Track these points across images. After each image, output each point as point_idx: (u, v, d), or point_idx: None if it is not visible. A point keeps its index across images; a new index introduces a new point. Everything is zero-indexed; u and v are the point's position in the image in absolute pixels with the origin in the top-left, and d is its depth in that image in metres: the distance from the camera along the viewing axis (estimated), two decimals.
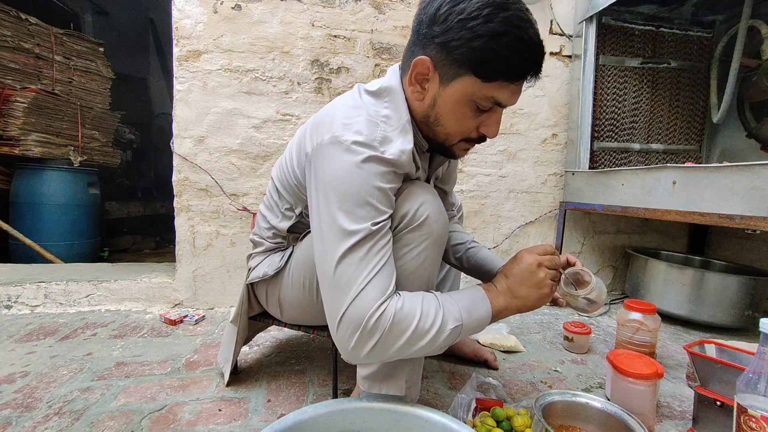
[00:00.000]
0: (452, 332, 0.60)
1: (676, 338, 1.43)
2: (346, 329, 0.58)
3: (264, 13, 1.53)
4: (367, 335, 0.57)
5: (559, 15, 1.79)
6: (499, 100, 0.62)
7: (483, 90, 0.61)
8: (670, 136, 1.86)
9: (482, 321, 0.64)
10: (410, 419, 0.63)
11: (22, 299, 1.46)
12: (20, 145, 2.08)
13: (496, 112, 0.65)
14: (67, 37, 2.38)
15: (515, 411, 0.80)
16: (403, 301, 0.59)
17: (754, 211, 1.03)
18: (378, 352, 0.59)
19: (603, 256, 1.98)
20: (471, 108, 0.63)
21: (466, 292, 0.67)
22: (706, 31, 1.83)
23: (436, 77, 0.63)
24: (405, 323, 0.58)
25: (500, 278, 0.70)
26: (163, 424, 0.82)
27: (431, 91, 0.65)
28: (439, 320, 0.59)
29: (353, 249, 0.59)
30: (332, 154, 0.61)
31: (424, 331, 0.59)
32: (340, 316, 0.59)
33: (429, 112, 0.67)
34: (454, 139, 0.68)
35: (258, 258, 0.90)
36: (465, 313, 0.62)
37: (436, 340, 0.60)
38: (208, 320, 1.43)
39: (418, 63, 0.63)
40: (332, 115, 0.65)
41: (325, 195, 0.61)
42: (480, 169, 1.80)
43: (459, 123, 0.65)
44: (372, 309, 0.57)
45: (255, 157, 1.56)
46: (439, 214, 0.67)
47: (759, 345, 0.61)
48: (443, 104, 0.64)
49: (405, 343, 0.58)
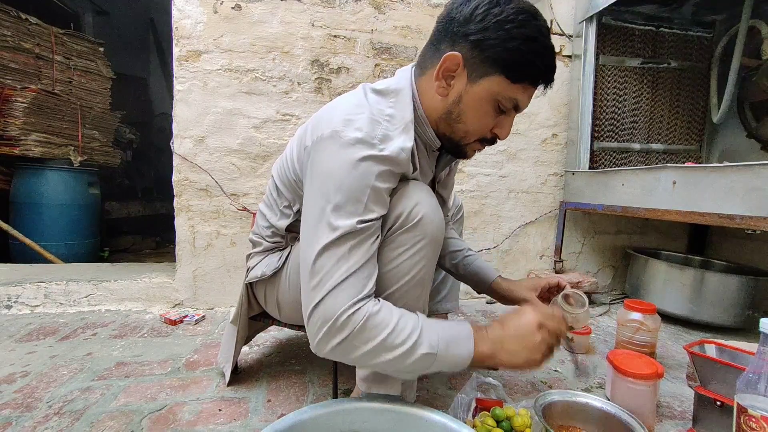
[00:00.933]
0: (423, 358, 0.58)
1: (676, 338, 1.43)
2: (316, 321, 0.59)
3: (264, 13, 1.53)
4: (335, 331, 0.57)
5: (559, 15, 1.79)
6: (519, 102, 0.65)
7: (508, 90, 0.63)
8: (670, 136, 1.86)
9: (460, 359, 0.61)
10: (410, 419, 0.63)
11: (22, 299, 1.46)
12: (20, 145, 2.08)
13: (510, 115, 0.68)
14: (67, 37, 2.38)
15: (515, 411, 0.80)
16: (380, 309, 0.58)
17: (754, 211, 1.03)
18: (342, 351, 0.59)
19: (603, 256, 1.98)
20: (493, 107, 0.65)
21: (454, 325, 0.64)
22: (706, 31, 1.83)
23: (464, 74, 0.64)
24: (375, 330, 0.57)
25: (495, 325, 0.66)
26: (163, 424, 0.82)
27: (457, 88, 0.66)
28: (411, 340, 0.58)
29: (336, 243, 0.58)
30: (330, 148, 0.61)
31: (393, 345, 0.57)
32: (313, 307, 0.59)
33: (452, 108, 0.67)
34: (471, 137, 0.69)
35: (257, 258, 0.90)
36: (443, 344, 0.59)
37: (405, 360, 0.58)
38: (208, 320, 1.43)
39: (449, 58, 0.63)
40: (334, 111, 0.65)
41: (318, 186, 0.62)
42: (480, 169, 1.80)
43: (480, 121, 0.67)
44: (345, 306, 0.57)
45: (255, 157, 1.56)
46: (435, 214, 0.66)
47: (759, 345, 0.61)
48: (469, 101, 0.66)
49: (371, 350, 0.57)
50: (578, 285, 1.71)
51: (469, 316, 1.60)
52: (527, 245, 1.88)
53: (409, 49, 1.67)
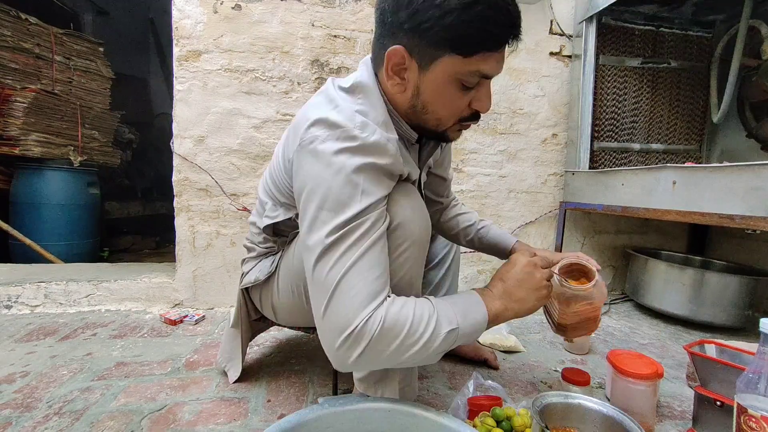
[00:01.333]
0: (447, 336, 0.57)
1: (676, 338, 1.43)
2: (330, 333, 0.56)
3: (264, 13, 1.53)
4: (353, 341, 0.54)
5: (559, 15, 1.79)
6: (485, 71, 0.59)
7: (466, 66, 0.58)
8: (670, 136, 1.86)
9: (479, 325, 0.62)
10: (411, 419, 0.63)
11: (22, 299, 1.46)
12: (20, 145, 2.08)
13: (484, 86, 0.63)
14: (67, 37, 2.38)
15: (515, 411, 0.80)
16: (394, 305, 0.56)
17: (754, 211, 1.03)
18: (368, 360, 0.55)
19: (603, 256, 1.98)
20: (457, 87, 0.61)
21: (461, 297, 0.65)
22: (706, 31, 1.83)
23: (414, 65, 0.60)
24: (396, 329, 0.55)
25: (496, 282, 0.69)
26: (163, 424, 0.82)
27: (412, 81, 0.62)
28: (432, 324, 0.56)
29: (329, 249, 0.56)
30: (311, 153, 0.59)
31: (416, 337, 0.55)
32: (321, 318, 0.57)
33: (414, 102, 0.64)
34: (447, 122, 0.66)
35: (250, 263, 0.91)
36: (460, 316, 0.60)
37: (431, 346, 0.57)
38: (208, 320, 1.43)
39: (392, 54, 0.60)
40: (308, 114, 0.63)
41: (308, 195, 0.59)
42: (480, 169, 1.80)
43: (448, 106, 0.63)
44: (355, 314, 0.54)
45: (255, 157, 1.56)
46: (415, 214, 0.64)
47: (759, 345, 0.61)
48: (427, 89, 0.61)
49: (396, 349, 0.55)
50: None
51: None
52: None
53: None
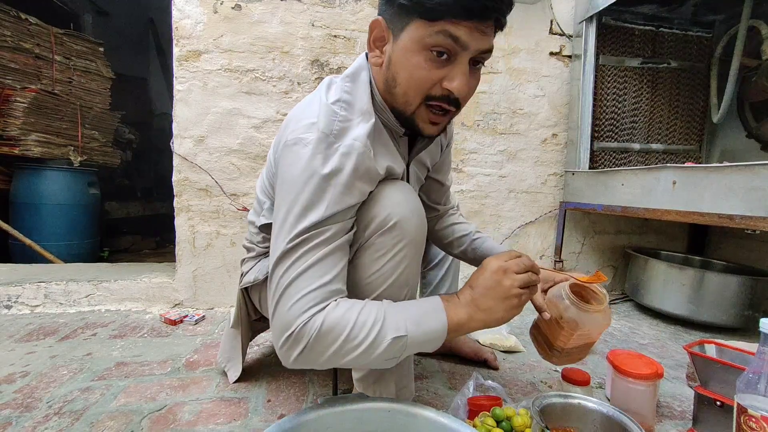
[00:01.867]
0: (393, 343, 0.56)
1: (676, 338, 1.43)
2: (277, 331, 0.57)
3: (264, 13, 1.53)
4: (293, 342, 0.55)
5: (559, 15, 1.79)
6: (457, 35, 0.54)
7: (431, 28, 0.55)
8: (670, 136, 1.86)
9: (435, 333, 0.59)
10: (411, 419, 0.63)
11: (22, 299, 1.46)
12: (20, 145, 2.09)
13: (459, 63, 0.57)
14: (67, 37, 2.38)
15: (515, 411, 0.80)
16: (337, 310, 0.56)
17: (754, 211, 1.03)
18: (307, 360, 0.57)
19: (603, 256, 1.98)
20: (425, 57, 0.57)
21: (422, 302, 0.62)
22: (706, 31, 1.83)
23: (390, 36, 0.60)
24: (334, 333, 0.55)
25: (465, 288, 0.64)
26: (163, 424, 0.82)
27: (387, 52, 0.61)
28: (375, 331, 0.56)
29: (290, 252, 0.57)
30: (290, 155, 0.60)
31: (357, 342, 0.55)
32: (272, 317, 0.58)
33: (387, 75, 0.62)
34: (412, 100, 0.61)
35: (250, 263, 0.91)
36: (412, 324, 0.58)
37: (373, 351, 0.56)
38: (208, 320, 1.43)
39: (373, 25, 0.61)
40: (299, 113, 0.64)
41: (281, 195, 0.60)
42: (480, 169, 1.80)
43: (412, 75, 0.58)
44: (298, 315, 0.55)
45: (255, 157, 1.56)
46: (412, 213, 0.64)
47: (759, 345, 0.61)
48: (396, 59, 0.59)
49: (335, 352, 0.56)
50: None
51: None
52: (527, 245, 1.88)
53: None
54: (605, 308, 0.69)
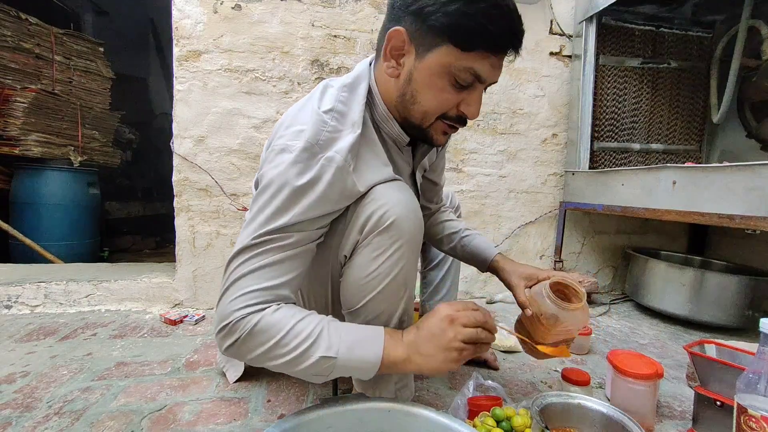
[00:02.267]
0: (321, 361, 0.56)
1: (676, 338, 1.43)
2: (216, 319, 0.59)
3: (264, 13, 1.53)
4: (226, 333, 0.57)
5: (559, 15, 1.79)
6: (479, 72, 0.59)
7: (461, 60, 0.58)
8: (670, 136, 1.86)
9: (366, 364, 0.59)
10: (412, 419, 0.63)
11: (22, 299, 1.46)
12: (20, 145, 2.08)
13: (476, 90, 0.62)
14: (67, 37, 2.38)
15: (515, 411, 0.80)
16: (275, 314, 0.57)
17: (754, 211, 1.03)
18: (234, 353, 0.58)
19: (603, 256, 1.98)
20: (449, 81, 0.60)
21: (365, 329, 0.62)
22: (706, 31, 1.83)
23: (412, 50, 0.60)
24: (264, 336, 0.56)
25: (412, 328, 0.64)
26: (163, 424, 0.82)
27: (407, 66, 0.62)
28: (307, 344, 0.56)
29: (249, 248, 0.58)
30: (275, 160, 0.60)
31: (284, 351, 0.56)
32: (216, 305, 0.59)
33: (405, 89, 0.63)
34: (431, 117, 0.64)
35: None
36: (345, 347, 0.57)
37: (298, 364, 0.56)
38: (208, 320, 1.43)
39: (393, 35, 0.60)
40: (290, 119, 0.64)
41: (258, 194, 0.61)
42: (480, 169, 1.80)
43: (436, 98, 0.62)
44: (237, 309, 0.56)
45: (255, 157, 1.56)
46: (409, 213, 0.63)
47: (759, 345, 0.61)
48: (419, 78, 0.61)
49: (263, 354, 0.56)
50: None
51: None
52: (527, 245, 1.88)
53: None
54: (583, 306, 0.71)
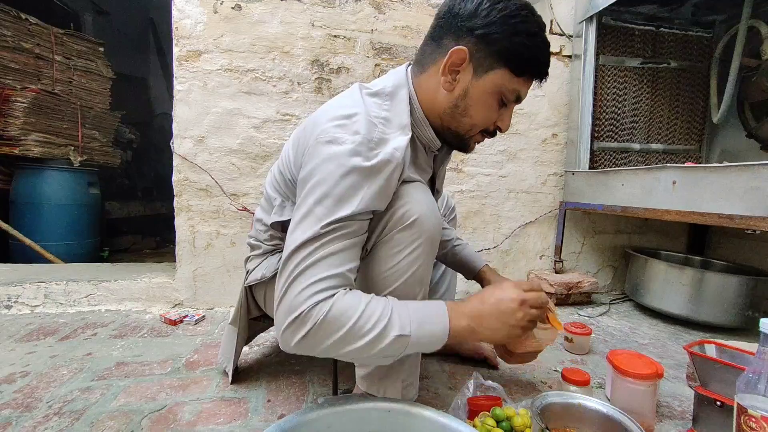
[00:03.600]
0: (397, 341, 0.57)
1: (676, 338, 1.43)
2: (282, 314, 0.58)
3: (264, 13, 1.53)
4: (298, 324, 0.56)
5: (559, 15, 1.79)
6: (521, 94, 0.69)
7: (512, 83, 0.67)
8: (670, 136, 1.86)
9: (435, 337, 0.61)
10: (412, 419, 0.63)
11: (22, 299, 1.46)
12: (20, 145, 2.08)
13: (510, 108, 0.71)
14: (67, 37, 2.38)
15: (515, 411, 0.80)
16: (346, 298, 0.58)
17: (754, 211, 1.03)
18: (308, 344, 0.58)
19: (603, 256, 1.98)
20: (497, 100, 0.68)
21: (427, 305, 0.63)
22: (706, 31, 1.83)
23: (470, 68, 0.66)
24: (338, 322, 0.56)
25: (474, 301, 0.66)
26: (163, 424, 0.82)
27: (463, 82, 0.68)
28: (381, 324, 0.57)
29: (313, 242, 0.58)
30: (326, 153, 0.61)
31: (361, 333, 0.57)
32: (280, 300, 0.59)
33: (459, 102, 0.69)
34: (476, 130, 0.72)
35: (256, 260, 0.90)
36: (415, 324, 0.59)
37: (377, 345, 0.57)
38: (208, 320, 1.43)
39: (456, 53, 0.65)
40: (332, 114, 0.65)
41: (310, 187, 0.62)
42: (480, 169, 1.80)
43: (485, 114, 0.69)
44: (307, 299, 0.56)
45: (255, 157, 1.56)
46: (431, 212, 0.67)
47: (759, 345, 0.61)
48: (475, 94, 0.68)
49: (339, 340, 0.57)
50: (577, 285, 1.71)
51: None
52: (527, 245, 1.88)
53: (409, 49, 1.67)
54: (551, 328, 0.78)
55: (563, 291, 1.69)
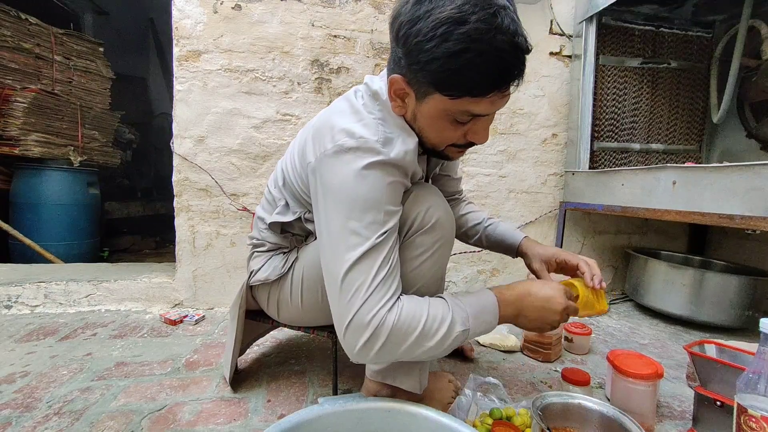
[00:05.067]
0: (460, 335, 0.62)
1: (676, 338, 1.43)
2: (353, 335, 0.59)
3: (264, 13, 1.53)
4: (374, 338, 0.58)
5: (559, 15, 1.79)
6: (476, 112, 0.60)
7: (455, 106, 0.59)
8: (670, 136, 1.86)
9: (489, 325, 0.66)
10: (412, 419, 0.63)
11: (22, 299, 1.46)
12: (20, 145, 2.08)
13: (480, 121, 0.63)
14: (67, 37, 2.38)
15: (515, 411, 0.80)
16: (410, 305, 0.61)
17: (754, 211, 1.03)
18: (386, 354, 0.60)
19: (603, 256, 1.98)
20: (449, 121, 0.63)
21: (479, 297, 0.67)
22: (706, 31, 1.83)
23: (412, 93, 0.62)
24: (411, 326, 0.59)
25: (521, 291, 0.70)
26: (163, 424, 0.82)
27: (411, 106, 0.65)
28: (446, 324, 0.61)
29: (363, 258, 0.59)
30: (336, 163, 0.62)
31: (431, 333, 0.60)
32: (348, 323, 0.59)
33: (413, 124, 0.67)
34: (441, 146, 0.69)
35: (260, 259, 0.89)
36: (473, 318, 0.64)
37: (445, 342, 0.61)
38: (208, 320, 1.43)
39: (393, 81, 0.62)
40: (332, 122, 0.65)
41: (333, 204, 0.62)
42: (480, 169, 1.80)
43: (441, 135, 0.66)
44: (376, 312, 0.58)
45: (255, 157, 1.56)
46: (448, 215, 0.70)
47: (759, 345, 0.61)
48: (422, 119, 0.65)
49: (412, 344, 0.60)
50: None
51: None
52: None
53: None
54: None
55: None
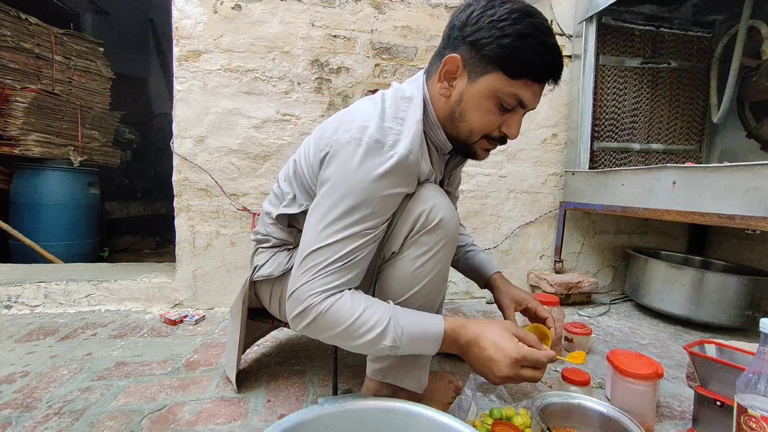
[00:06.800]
0: (386, 349, 0.64)
1: (676, 338, 1.43)
2: (291, 304, 0.65)
3: (264, 13, 1.53)
4: (303, 315, 0.63)
5: (559, 15, 1.79)
6: (523, 98, 0.66)
7: (509, 87, 0.65)
8: (670, 136, 1.86)
9: (425, 351, 0.67)
10: (412, 419, 0.63)
11: (22, 299, 1.46)
12: (20, 145, 2.08)
13: (518, 113, 0.69)
14: (67, 37, 2.38)
15: (515, 411, 0.80)
16: (344, 301, 0.63)
17: (754, 211, 1.03)
18: (310, 332, 0.65)
19: (603, 256, 1.98)
20: (495, 104, 0.67)
21: (427, 323, 0.66)
22: (706, 31, 1.83)
23: (465, 74, 0.67)
24: (336, 320, 0.62)
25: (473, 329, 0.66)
26: (163, 424, 0.82)
27: (458, 88, 0.68)
28: (375, 332, 0.62)
29: (331, 245, 0.63)
30: (346, 154, 0.64)
31: (356, 334, 0.62)
32: (291, 292, 0.65)
33: (455, 108, 0.70)
34: (476, 136, 0.71)
35: (264, 254, 0.89)
36: (406, 338, 0.63)
37: (370, 347, 0.64)
38: (208, 320, 1.43)
39: (449, 60, 0.67)
40: (353, 116, 0.68)
41: (330, 187, 0.65)
42: (480, 169, 1.80)
43: (483, 118, 0.68)
44: (313, 294, 0.62)
45: (255, 157, 1.56)
46: (452, 214, 0.71)
47: (759, 345, 0.61)
48: (470, 99, 0.68)
49: (335, 336, 0.63)
50: (577, 286, 1.71)
51: (469, 316, 1.60)
52: (527, 245, 1.88)
53: (408, 49, 1.67)
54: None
55: (563, 291, 1.69)
